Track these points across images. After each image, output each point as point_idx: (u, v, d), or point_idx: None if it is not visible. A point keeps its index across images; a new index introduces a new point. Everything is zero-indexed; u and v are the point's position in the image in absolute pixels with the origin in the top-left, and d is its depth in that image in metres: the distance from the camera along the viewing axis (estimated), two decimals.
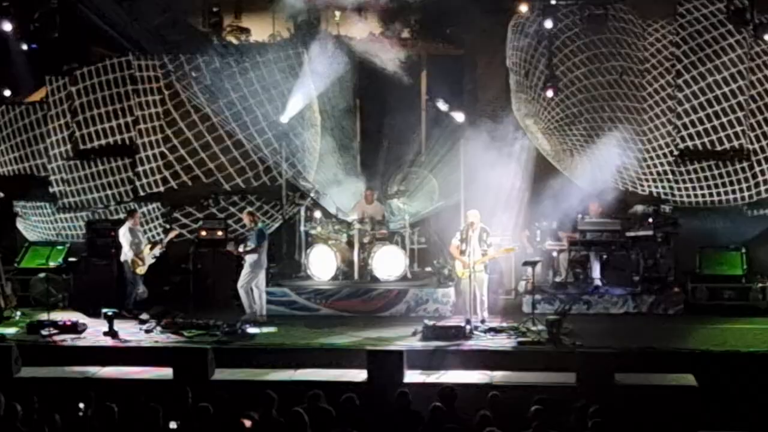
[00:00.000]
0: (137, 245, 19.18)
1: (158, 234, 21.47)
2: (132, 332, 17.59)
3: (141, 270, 19.18)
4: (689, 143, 20.90)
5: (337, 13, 22.16)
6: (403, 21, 22.31)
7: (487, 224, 18.08)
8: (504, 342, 16.66)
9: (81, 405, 12.16)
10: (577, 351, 15.72)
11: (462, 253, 17.63)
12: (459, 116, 20.51)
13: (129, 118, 21.96)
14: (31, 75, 22.34)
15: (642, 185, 21.27)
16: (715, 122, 20.75)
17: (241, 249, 18.75)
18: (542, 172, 21.35)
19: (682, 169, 21.01)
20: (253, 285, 18.56)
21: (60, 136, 22.23)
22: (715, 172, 20.87)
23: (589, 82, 21.10)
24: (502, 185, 20.33)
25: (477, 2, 21.14)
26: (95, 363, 16.21)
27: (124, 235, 19.25)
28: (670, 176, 21.09)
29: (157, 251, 19.38)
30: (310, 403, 11.37)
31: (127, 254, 19.19)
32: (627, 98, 21.12)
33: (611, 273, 19.80)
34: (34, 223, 22.75)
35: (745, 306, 18.94)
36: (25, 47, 21.03)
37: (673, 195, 21.13)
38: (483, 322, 17.54)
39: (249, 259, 18.59)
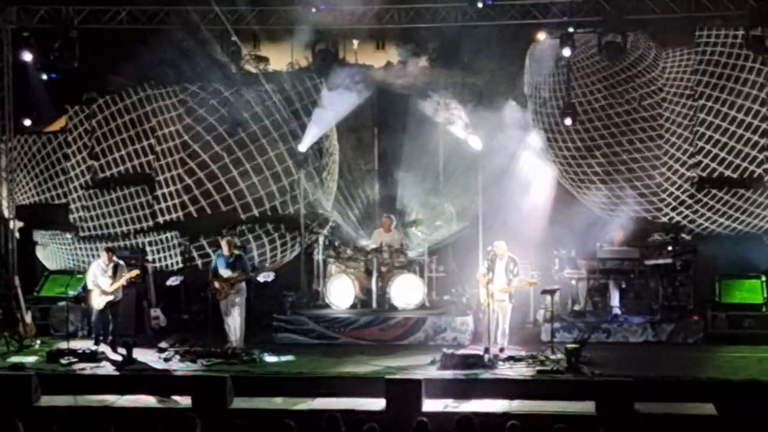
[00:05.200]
0: (93, 281, 18.48)
1: (177, 263, 21.59)
2: (151, 360, 17.57)
3: (96, 304, 18.40)
4: (709, 170, 20.87)
5: (355, 42, 22.23)
6: (422, 49, 22.35)
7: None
8: (523, 371, 16.58)
9: None
10: (596, 380, 15.66)
11: (488, 281, 17.58)
12: (476, 143, 20.48)
13: (147, 142, 22.12)
14: (51, 104, 22.49)
15: (661, 213, 21.22)
16: (734, 150, 20.71)
17: (237, 275, 18.16)
18: (560, 199, 21.33)
19: (701, 196, 20.97)
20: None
21: (81, 169, 22.46)
22: (735, 199, 20.82)
23: (607, 110, 21.13)
24: (520, 213, 20.29)
25: (495, 30, 21.15)
26: (114, 392, 16.18)
27: (91, 267, 18.80)
28: (689, 204, 21.05)
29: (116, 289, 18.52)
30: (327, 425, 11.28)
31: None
32: (645, 126, 21.13)
33: (630, 301, 19.70)
34: (53, 252, 22.85)
35: (766, 334, 18.72)
36: (45, 77, 21.17)
37: (692, 222, 21.09)
38: (502, 350, 17.49)
39: (241, 286, 18.32)
